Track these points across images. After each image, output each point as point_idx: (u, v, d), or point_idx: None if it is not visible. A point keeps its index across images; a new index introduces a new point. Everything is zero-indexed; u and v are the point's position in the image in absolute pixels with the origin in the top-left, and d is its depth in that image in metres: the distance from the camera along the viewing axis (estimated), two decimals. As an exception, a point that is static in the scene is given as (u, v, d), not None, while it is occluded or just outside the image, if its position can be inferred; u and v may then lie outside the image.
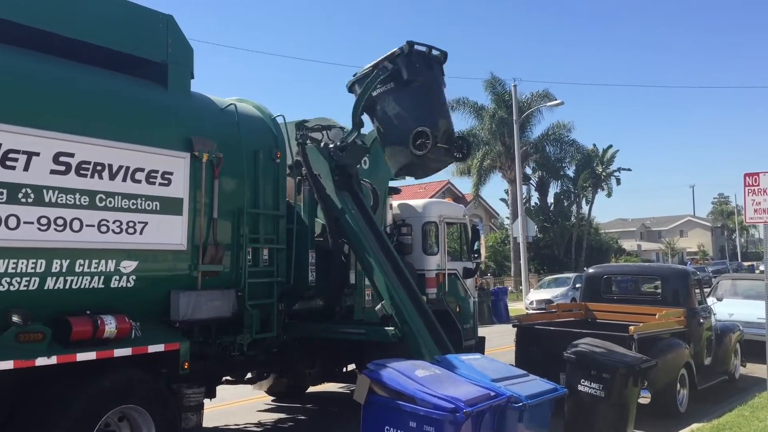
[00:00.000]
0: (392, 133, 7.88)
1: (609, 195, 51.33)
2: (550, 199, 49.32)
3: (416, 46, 7.76)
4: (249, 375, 9.23)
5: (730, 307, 14.07)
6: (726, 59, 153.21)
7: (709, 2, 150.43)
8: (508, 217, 44.57)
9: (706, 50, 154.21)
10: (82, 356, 5.61)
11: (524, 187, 41.14)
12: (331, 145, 8.47)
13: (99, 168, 5.92)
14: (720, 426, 8.67)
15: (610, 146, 50.83)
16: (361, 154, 8.92)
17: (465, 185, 43.69)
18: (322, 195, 8.23)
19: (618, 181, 51.35)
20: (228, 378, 8.76)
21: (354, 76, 8.30)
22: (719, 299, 13.88)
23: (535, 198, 49.09)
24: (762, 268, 35.53)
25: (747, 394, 10.84)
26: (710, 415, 9.46)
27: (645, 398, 8.16)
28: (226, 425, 9.37)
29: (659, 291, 11.66)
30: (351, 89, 8.36)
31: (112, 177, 6.03)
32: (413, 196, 20.89)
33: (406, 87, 7.70)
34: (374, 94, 7.90)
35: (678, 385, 9.69)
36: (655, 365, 7.99)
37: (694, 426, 8.79)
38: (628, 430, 7.66)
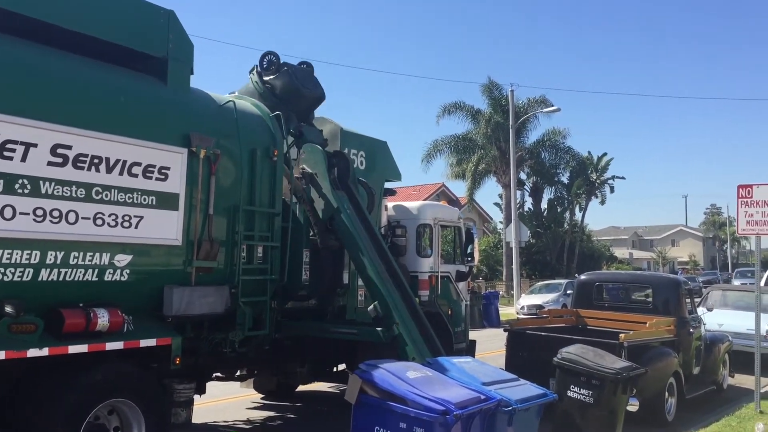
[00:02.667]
0: None
1: (602, 202, 51.65)
2: (544, 205, 49.54)
3: None
4: (240, 372, 9.24)
5: (720, 317, 14.15)
6: (722, 71, 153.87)
7: (706, 13, 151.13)
8: (501, 222, 44.65)
9: (702, 61, 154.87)
10: (74, 349, 5.60)
11: (518, 192, 41.33)
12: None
13: (96, 161, 5.92)
14: (707, 435, 8.72)
15: (605, 154, 51.06)
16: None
17: (459, 188, 43.76)
18: (305, 198, 8.22)
19: (612, 189, 51.63)
20: (218, 375, 8.76)
21: None
22: (709, 309, 13.96)
23: (528, 203, 49.27)
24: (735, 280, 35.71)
25: (735, 405, 10.90)
26: (698, 424, 9.51)
27: (633, 406, 8.20)
28: (215, 422, 9.37)
29: (650, 299, 11.72)
30: None
31: (109, 170, 6.02)
32: (407, 198, 20.90)
33: None
34: None
35: (666, 394, 9.74)
36: (645, 373, 8.04)
37: (682, 435, 8.84)
38: (616, 437, 7.70)
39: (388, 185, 10.55)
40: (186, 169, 6.70)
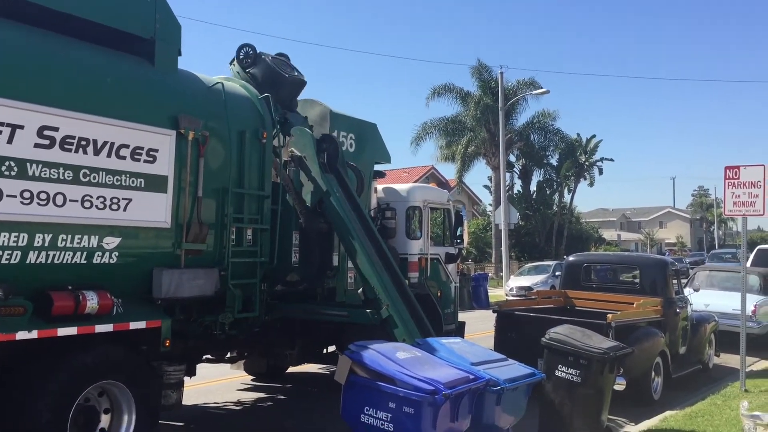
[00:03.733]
0: None
1: (591, 184, 51.77)
2: (533, 187, 49.62)
3: None
4: (230, 354, 9.26)
5: (706, 297, 14.29)
6: (710, 52, 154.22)
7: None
8: (490, 204, 44.73)
9: (691, 42, 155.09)
10: (63, 331, 5.60)
11: (507, 175, 41.28)
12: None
13: (83, 143, 5.88)
14: (693, 414, 8.84)
15: (594, 136, 51.12)
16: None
17: (449, 171, 43.79)
18: (291, 186, 8.20)
19: (600, 171, 51.80)
20: (209, 357, 8.78)
21: None
22: (696, 290, 14.10)
23: (518, 186, 49.33)
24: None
25: (720, 384, 11.04)
26: (683, 403, 9.64)
27: (620, 385, 8.29)
28: (205, 403, 9.42)
29: (637, 280, 11.81)
30: None
31: (97, 152, 5.99)
32: (397, 180, 20.88)
33: None
34: None
35: (653, 373, 9.86)
36: (631, 353, 8.11)
37: (668, 413, 8.95)
38: (602, 415, 7.78)
39: (377, 167, 10.55)
40: (174, 151, 6.68)
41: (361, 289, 8.00)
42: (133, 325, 6.18)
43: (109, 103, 6.17)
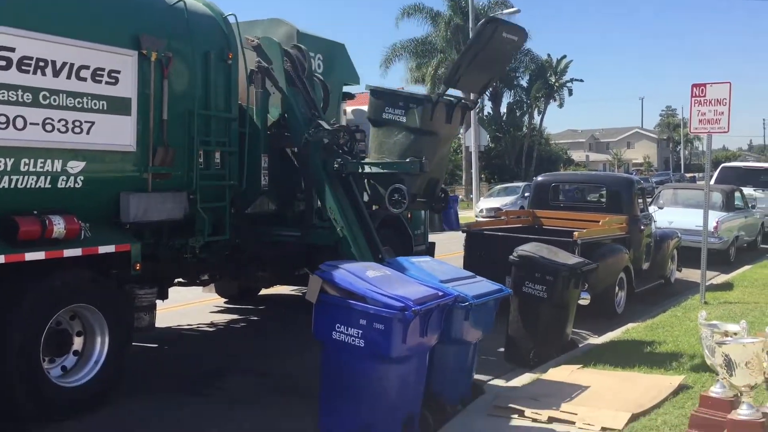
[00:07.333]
0: None
1: (561, 106, 52.01)
2: (503, 109, 49.72)
3: None
4: (202, 277, 9.30)
5: (670, 215, 14.63)
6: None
7: None
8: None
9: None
10: (30, 256, 5.56)
11: (478, 97, 41.01)
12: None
13: (42, 64, 5.70)
14: (654, 325, 9.18)
15: (564, 56, 50.97)
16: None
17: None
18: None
19: (570, 92, 51.94)
20: (180, 280, 8.82)
21: None
22: (660, 207, 14.39)
23: (488, 108, 49.28)
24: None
25: (681, 297, 11.44)
26: (645, 315, 9.99)
27: (585, 300, 8.53)
28: (178, 325, 9.53)
29: (604, 199, 12.02)
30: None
31: (56, 74, 5.81)
32: (367, 102, 20.69)
33: None
34: None
35: (617, 288, 10.17)
36: (596, 268, 8.33)
37: (630, 325, 9.28)
38: (567, 329, 8.06)
39: (346, 89, 10.40)
40: (137, 72, 6.50)
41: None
42: (102, 249, 6.15)
43: (67, 22, 5.95)
